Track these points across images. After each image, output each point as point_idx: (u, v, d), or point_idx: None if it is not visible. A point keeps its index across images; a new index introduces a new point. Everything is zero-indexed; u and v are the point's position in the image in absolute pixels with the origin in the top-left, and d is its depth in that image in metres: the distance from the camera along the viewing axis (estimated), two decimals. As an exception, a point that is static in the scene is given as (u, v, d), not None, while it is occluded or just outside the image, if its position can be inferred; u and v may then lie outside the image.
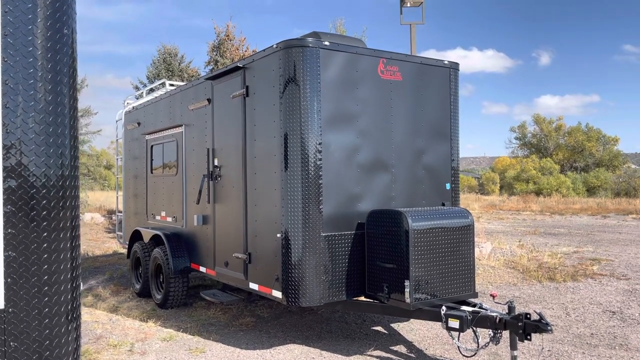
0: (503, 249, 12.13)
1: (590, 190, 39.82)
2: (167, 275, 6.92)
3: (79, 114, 21.77)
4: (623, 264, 10.32)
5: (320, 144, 5.01)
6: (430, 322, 5.87)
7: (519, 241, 13.83)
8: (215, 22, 21.49)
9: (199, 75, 20.51)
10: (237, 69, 5.73)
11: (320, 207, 5.01)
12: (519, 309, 6.34)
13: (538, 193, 38.68)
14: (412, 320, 6.15)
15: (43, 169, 1.96)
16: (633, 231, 16.48)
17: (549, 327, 4.10)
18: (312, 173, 4.98)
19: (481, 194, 43.71)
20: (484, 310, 4.59)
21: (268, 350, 5.39)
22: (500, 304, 4.74)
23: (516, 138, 55.08)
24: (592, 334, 5.86)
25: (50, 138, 1.98)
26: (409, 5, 12.29)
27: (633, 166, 51.71)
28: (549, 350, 5.28)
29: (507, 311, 4.49)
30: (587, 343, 5.54)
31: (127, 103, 9.52)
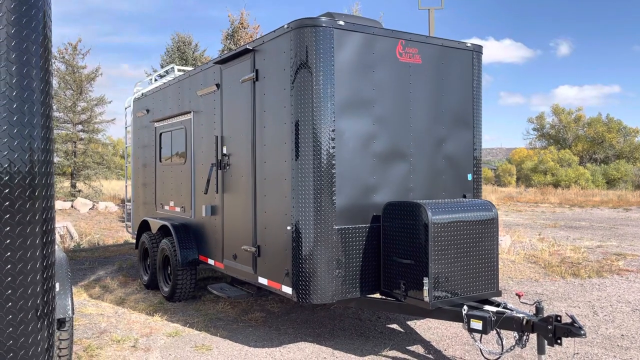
0: (523, 242, 11.73)
1: (610, 183, 39.00)
2: (175, 267, 6.68)
3: (94, 102, 21.64)
4: (650, 259, 9.88)
5: (333, 131, 4.69)
6: (448, 321, 5.55)
7: (539, 234, 13.40)
8: (230, 10, 21.18)
9: (212, 63, 20.23)
10: (246, 51, 5.42)
11: (333, 198, 4.70)
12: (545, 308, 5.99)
13: (556, 185, 37.98)
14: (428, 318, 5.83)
15: (5, 152, 1.67)
16: (658, 225, 15.93)
17: (582, 332, 3.76)
18: (325, 162, 4.67)
19: (497, 185, 43.06)
20: (509, 311, 4.26)
21: (277, 348, 5.12)
22: (527, 303, 4.40)
23: (534, 129, 54.22)
24: (622, 335, 5.49)
25: (14, 128, 1.68)
26: (427, -11, 11.83)
27: (654, 158, 50.50)
28: (577, 353, 4.93)
29: (534, 312, 4.15)
30: (618, 345, 5.18)
31: (137, 90, 9.27)
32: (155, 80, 9.09)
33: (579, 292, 7.39)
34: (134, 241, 9.00)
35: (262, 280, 5.22)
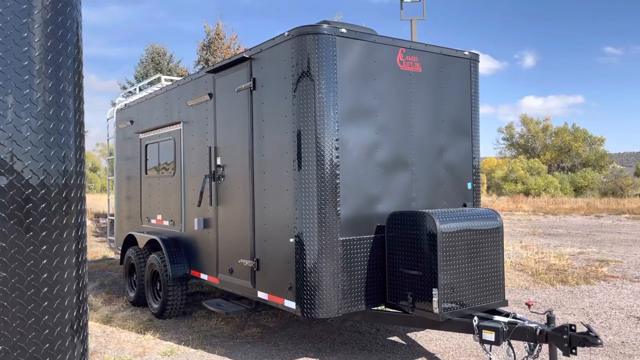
0: (507, 250, 11.80)
1: (578, 190, 39.89)
2: (165, 283, 6.44)
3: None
4: (632, 265, 10.04)
5: (337, 140, 4.59)
6: (449, 332, 5.47)
7: (520, 242, 13.53)
8: (205, 21, 20.98)
9: (188, 74, 19.98)
10: (242, 60, 5.29)
11: (338, 209, 4.59)
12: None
13: (527, 193, 38.65)
14: (428, 329, 5.74)
15: (41, 162, 1.51)
16: (631, 231, 16.29)
17: (598, 340, 3.72)
18: (329, 172, 4.56)
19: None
20: (520, 321, 4.20)
21: (279, 365, 4.95)
22: (537, 313, 4.36)
23: (504, 139, 55.17)
24: (622, 342, 5.51)
25: (51, 137, 1.53)
26: (409, 0, 11.92)
27: (619, 166, 52.05)
28: (582, 362, 4.91)
29: (546, 321, 4.10)
30: (620, 352, 5.18)
31: (119, 101, 9.02)
32: (137, 90, 8.86)
33: (571, 299, 7.42)
34: (114, 256, 8.71)
35: (262, 295, 5.05)
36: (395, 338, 5.70)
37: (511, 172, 43.74)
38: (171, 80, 8.10)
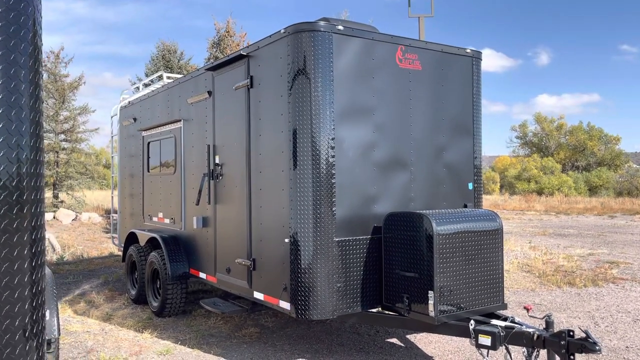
0: (515, 250, 11.64)
1: (592, 190, 39.34)
2: (164, 282, 6.42)
3: (77, 111, 21.18)
4: (643, 267, 9.84)
5: (333, 139, 4.52)
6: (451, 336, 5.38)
7: (530, 242, 13.34)
8: (216, 18, 20.95)
9: (198, 71, 19.96)
10: (240, 57, 5.23)
11: (333, 209, 4.52)
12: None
13: (540, 192, 38.21)
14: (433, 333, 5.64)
15: (-11, 163, 1.46)
16: (645, 232, 16.00)
17: (597, 347, 3.62)
18: (324, 171, 4.48)
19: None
20: (518, 326, 4.10)
21: (274, 366, 4.89)
22: (535, 317, 4.25)
23: (517, 137, 54.58)
24: (627, 347, 5.37)
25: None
26: (417, -3, 11.79)
27: (635, 165, 51.19)
28: (584, 367, 4.79)
29: (544, 326, 4.00)
30: (624, 358, 5.05)
31: (123, 98, 9.02)
32: (141, 88, 8.84)
33: (577, 302, 7.28)
34: (120, 253, 8.72)
35: (258, 295, 5.00)
36: (393, 340, 5.62)
37: (524, 170, 43.26)
38: (173, 78, 8.06)
